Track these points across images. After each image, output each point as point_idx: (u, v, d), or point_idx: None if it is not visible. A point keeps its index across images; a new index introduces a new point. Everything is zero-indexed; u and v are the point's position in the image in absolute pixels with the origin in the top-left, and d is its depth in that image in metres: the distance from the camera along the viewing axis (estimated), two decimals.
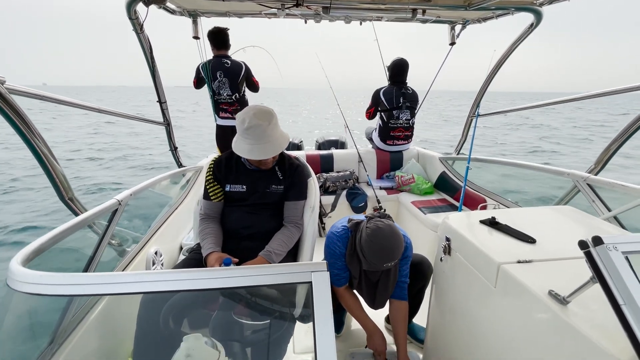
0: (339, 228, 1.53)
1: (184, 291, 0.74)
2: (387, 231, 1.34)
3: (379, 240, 1.33)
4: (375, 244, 1.33)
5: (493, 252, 1.12)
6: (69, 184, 1.54)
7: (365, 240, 1.35)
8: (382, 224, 1.36)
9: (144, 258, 1.87)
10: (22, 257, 0.88)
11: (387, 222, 1.39)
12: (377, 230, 1.34)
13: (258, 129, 1.39)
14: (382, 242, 1.32)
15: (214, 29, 3.19)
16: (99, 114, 1.88)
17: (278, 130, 1.48)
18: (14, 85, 1.21)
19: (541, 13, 2.13)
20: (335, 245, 1.50)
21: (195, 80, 3.39)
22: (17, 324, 0.85)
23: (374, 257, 1.33)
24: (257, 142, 1.40)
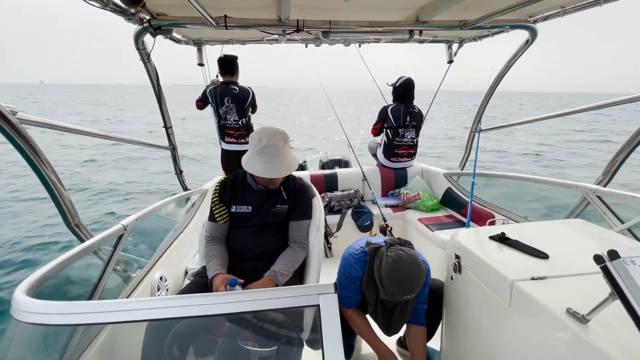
0: (358, 250, 1.47)
1: (189, 318, 0.72)
2: (409, 262, 1.26)
3: (400, 271, 1.24)
4: (397, 275, 1.24)
5: (505, 269, 1.09)
6: (75, 210, 1.55)
7: (386, 270, 1.27)
8: (404, 254, 1.28)
9: (148, 284, 1.84)
10: (27, 286, 0.87)
11: (409, 251, 1.31)
12: (399, 261, 1.26)
13: (275, 149, 1.43)
14: (403, 274, 1.24)
15: (223, 56, 3.26)
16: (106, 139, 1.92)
17: (290, 152, 1.53)
18: (25, 115, 1.25)
19: (536, 30, 2.18)
20: (352, 268, 1.43)
21: (200, 103, 3.44)
22: (21, 355, 0.83)
23: (395, 288, 1.25)
24: (272, 161, 1.44)
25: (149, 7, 1.77)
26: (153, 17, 1.86)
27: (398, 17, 2.09)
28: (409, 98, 3.38)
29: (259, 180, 1.54)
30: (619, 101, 1.87)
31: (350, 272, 1.43)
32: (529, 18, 2.10)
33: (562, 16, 1.91)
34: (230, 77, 3.34)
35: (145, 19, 1.84)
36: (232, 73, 3.33)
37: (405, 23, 2.12)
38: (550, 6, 1.88)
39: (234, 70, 3.33)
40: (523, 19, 2.12)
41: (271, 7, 1.81)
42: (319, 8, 1.88)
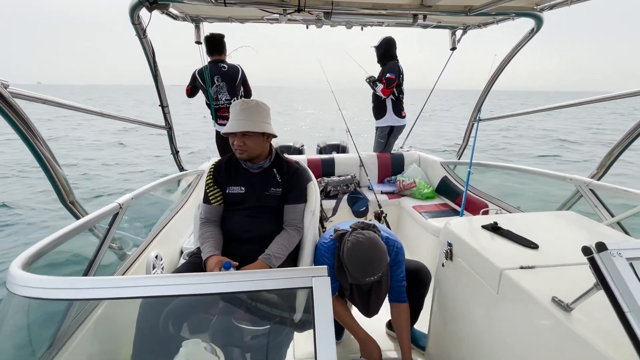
0: (327, 239, 1.52)
1: (183, 296, 0.73)
2: (367, 245, 1.30)
3: (358, 255, 1.29)
4: (356, 259, 1.29)
5: (495, 258, 1.11)
6: (70, 187, 1.54)
7: (346, 255, 1.31)
8: (363, 237, 1.31)
9: (144, 262, 1.86)
10: (22, 260, 0.87)
11: (369, 234, 1.34)
12: (357, 245, 1.30)
13: (241, 107, 1.48)
14: (362, 257, 1.29)
15: (210, 35, 3.17)
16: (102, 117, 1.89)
17: (263, 118, 1.51)
18: (17, 89, 1.22)
19: (542, 18, 2.14)
20: (323, 257, 1.49)
21: (190, 87, 3.32)
22: (16, 328, 0.85)
23: (356, 271, 1.30)
24: (235, 118, 1.47)
25: None
26: None
27: (402, 0, 2.03)
28: (394, 56, 3.44)
29: (233, 150, 1.55)
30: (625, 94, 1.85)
31: (322, 261, 1.48)
32: (535, 6, 2.06)
33: (569, 5, 1.87)
34: (219, 56, 3.25)
35: None
36: (220, 51, 3.24)
37: (410, 7, 2.07)
38: None
39: (221, 48, 3.24)
40: (529, 6, 2.07)
41: None
42: None
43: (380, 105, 3.57)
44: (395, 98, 3.45)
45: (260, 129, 1.47)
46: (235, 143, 1.49)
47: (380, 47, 3.44)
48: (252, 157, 1.54)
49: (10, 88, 1.19)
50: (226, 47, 3.30)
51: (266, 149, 1.58)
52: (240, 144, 1.48)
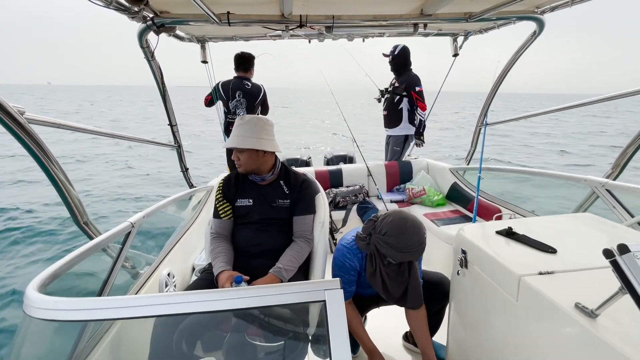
0: (349, 241, 1.52)
1: (196, 313, 0.73)
2: (409, 217, 1.35)
3: (407, 223, 1.32)
4: (405, 228, 1.31)
5: (512, 264, 1.08)
6: (84, 208, 1.57)
7: (392, 230, 1.32)
8: (401, 213, 1.37)
9: (156, 280, 1.87)
10: (38, 282, 0.89)
11: (403, 211, 1.41)
12: (402, 218, 1.34)
13: (243, 123, 1.51)
14: (411, 225, 1.32)
15: (240, 53, 3.26)
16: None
17: (257, 134, 1.51)
18: (32, 115, 1.26)
19: (543, 21, 2.14)
20: (346, 258, 1.48)
21: (209, 97, 3.38)
22: (34, 351, 0.85)
23: (407, 240, 1.30)
24: (235, 133, 1.51)
25: (152, 4, 1.77)
26: (156, 14, 1.86)
27: (402, 11, 2.06)
28: (410, 63, 3.48)
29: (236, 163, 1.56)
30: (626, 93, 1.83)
31: (343, 262, 1.48)
32: (536, 9, 2.06)
33: (570, 6, 1.87)
34: (244, 73, 3.32)
35: (149, 17, 1.84)
36: (246, 69, 3.31)
37: (410, 16, 2.10)
38: None
39: (248, 66, 3.31)
40: (530, 10, 2.08)
41: (274, 3, 1.80)
42: (322, 2, 1.87)
43: (396, 114, 3.58)
44: (411, 107, 3.47)
45: (249, 146, 1.48)
46: (232, 157, 1.55)
47: (399, 57, 3.44)
48: (249, 171, 1.56)
49: (27, 114, 1.23)
50: (254, 67, 3.36)
51: (266, 163, 1.57)
52: (235, 159, 1.54)
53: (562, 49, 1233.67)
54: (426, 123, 3.49)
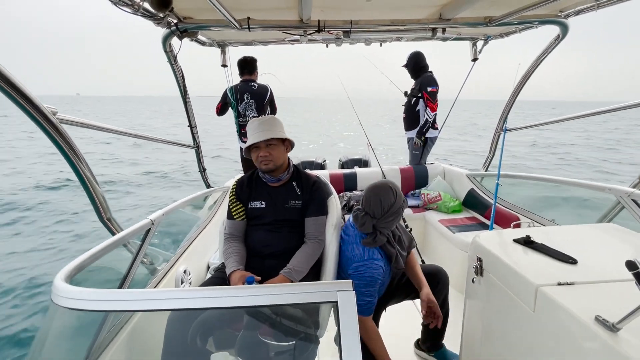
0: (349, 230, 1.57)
1: (209, 309, 0.75)
2: (377, 183, 1.50)
3: (371, 188, 1.48)
4: (370, 192, 1.47)
5: (530, 273, 1.05)
6: (107, 204, 1.64)
7: (363, 197, 1.49)
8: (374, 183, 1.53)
9: (173, 277, 1.92)
10: (65, 273, 0.93)
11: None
12: (369, 186, 1.50)
13: (259, 121, 1.58)
14: (374, 189, 1.47)
15: (243, 57, 3.39)
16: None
17: (280, 128, 1.60)
18: (64, 115, 1.34)
19: (567, 25, 2.09)
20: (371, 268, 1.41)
21: (220, 104, 3.49)
22: (58, 338, 0.90)
23: (373, 202, 1.44)
24: (256, 131, 1.56)
25: (176, 11, 1.84)
26: (180, 20, 1.93)
27: (420, 15, 2.06)
28: (427, 67, 3.49)
29: (257, 165, 1.60)
30: None
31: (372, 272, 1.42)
32: (559, 13, 2.01)
33: (596, 10, 1.82)
34: (249, 76, 3.44)
35: (173, 22, 1.91)
36: (250, 72, 3.44)
37: (428, 21, 2.09)
38: (582, 0, 1.80)
39: (252, 69, 3.43)
40: (553, 13, 2.03)
41: (293, 9, 1.84)
42: (340, 8, 1.89)
43: (413, 116, 3.59)
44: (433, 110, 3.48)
45: (282, 136, 1.56)
46: (261, 154, 1.55)
47: (409, 63, 3.54)
48: (276, 167, 1.58)
49: (59, 115, 1.31)
50: (257, 69, 3.49)
51: (286, 160, 1.64)
52: (265, 154, 1.54)
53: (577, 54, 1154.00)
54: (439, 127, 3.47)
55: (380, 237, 1.45)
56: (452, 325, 1.68)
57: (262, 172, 1.62)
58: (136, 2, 1.48)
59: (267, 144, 1.54)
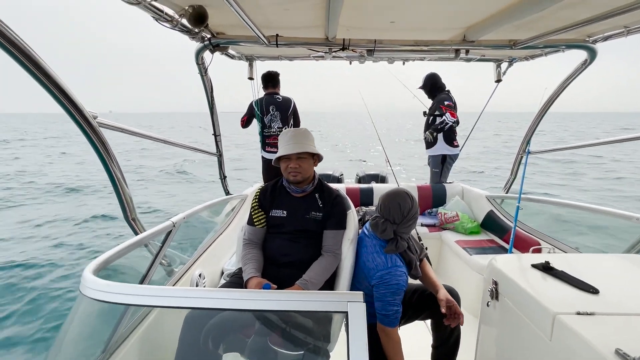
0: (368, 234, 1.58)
1: (225, 310, 0.79)
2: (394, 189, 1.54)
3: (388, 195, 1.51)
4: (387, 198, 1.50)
5: (547, 300, 1.03)
6: (133, 205, 1.73)
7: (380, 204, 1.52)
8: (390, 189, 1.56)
9: (188, 279, 1.97)
10: (94, 267, 1.00)
11: None
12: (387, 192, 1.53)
13: (293, 133, 1.63)
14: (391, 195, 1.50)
15: (267, 72, 3.54)
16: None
17: (311, 142, 1.65)
18: (103, 120, 1.44)
19: (595, 50, 2.06)
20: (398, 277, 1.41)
21: (246, 117, 3.63)
22: (82, 327, 0.95)
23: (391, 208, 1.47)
24: (288, 143, 1.60)
25: (211, 27, 1.96)
26: (213, 35, 2.05)
27: (444, 37, 2.09)
28: (443, 87, 3.57)
29: (285, 175, 1.64)
30: None
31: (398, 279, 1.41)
32: (587, 38, 2.00)
33: (625, 36, 1.79)
34: (273, 89, 3.59)
35: (207, 37, 2.04)
36: (274, 85, 3.59)
37: (452, 42, 2.12)
38: (612, 26, 1.78)
39: (275, 82, 3.59)
40: (581, 38, 2.01)
41: (320, 27, 1.92)
42: (365, 28, 1.95)
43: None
44: (448, 127, 3.49)
45: (313, 150, 1.61)
46: (291, 166, 1.59)
47: (426, 85, 3.64)
48: (304, 179, 1.62)
49: (98, 119, 1.41)
50: (280, 82, 3.65)
51: (312, 173, 1.68)
52: (295, 167, 1.58)
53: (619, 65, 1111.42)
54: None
55: (401, 243, 1.47)
56: (464, 350, 1.63)
57: (288, 183, 1.66)
58: (175, 18, 1.60)
59: (297, 157, 1.58)
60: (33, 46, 1.10)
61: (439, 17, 1.72)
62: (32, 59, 1.11)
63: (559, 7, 1.43)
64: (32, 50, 1.11)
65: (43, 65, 1.15)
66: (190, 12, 1.59)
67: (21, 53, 1.08)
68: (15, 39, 1.05)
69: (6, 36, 1.02)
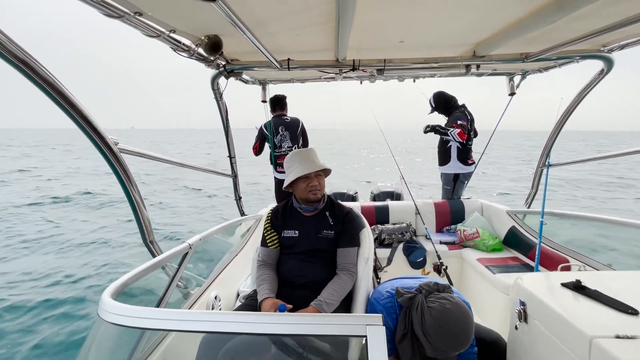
0: (384, 296, 1.35)
1: (241, 334, 0.77)
2: (458, 313, 1.12)
3: (450, 325, 1.11)
4: (447, 330, 1.11)
5: (582, 323, 0.96)
6: (151, 228, 1.76)
7: (432, 325, 1.13)
8: (450, 304, 1.15)
9: (204, 302, 1.96)
10: (112, 290, 1.01)
11: (453, 299, 1.17)
12: (446, 313, 1.12)
13: (303, 153, 1.65)
14: (454, 329, 1.11)
15: (274, 96, 3.66)
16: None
17: (318, 158, 1.68)
18: (124, 146, 1.50)
19: (612, 60, 2.02)
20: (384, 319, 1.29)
21: (258, 143, 3.68)
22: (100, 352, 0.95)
23: (445, 344, 1.11)
24: (305, 162, 1.60)
25: (225, 54, 2.05)
26: (228, 62, 2.14)
27: (454, 53, 2.10)
28: (456, 102, 3.50)
29: (299, 195, 1.63)
30: None
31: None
32: (602, 47, 1.96)
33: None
34: (281, 111, 3.71)
35: (222, 64, 2.12)
36: (282, 107, 3.72)
37: (462, 58, 2.12)
38: (627, 35, 1.75)
39: (283, 105, 3.72)
40: (595, 48, 1.98)
41: (330, 50, 1.97)
42: (374, 48, 1.99)
43: (445, 152, 3.58)
44: (462, 145, 3.44)
45: (328, 167, 1.64)
46: (312, 184, 1.59)
47: (439, 106, 3.58)
48: (322, 196, 1.65)
49: (120, 145, 1.47)
50: (287, 105, 3.77)
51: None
52: (316, 184, 1.59)
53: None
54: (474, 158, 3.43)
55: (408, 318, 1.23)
56: None
57: (300, 202, 1.66)
58: (192, 48, 1.69)
59: (316, 174, 1.60)
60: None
61: (448, 34, 1.74)
62: (62, 93, 1.19)
63: (570, 19, 1.42)
64: (62, 85, 1.19)
65: (70, 97, 1.22)
66: (206, 42, 1.67)
67: (52, 88, 1.16)
68: (48, 76, 1.13)
69: (38, 73, 1.09)
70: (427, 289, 1.23)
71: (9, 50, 1.01)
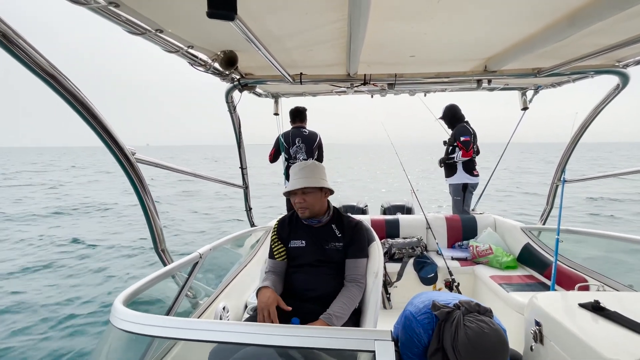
0: (421, 312, 1.26)
1: (250, 345, 0.77)
2: (495, 340, 1.07)
3: (484, 350, 1.06)
4: (479, 353, 1.06)
5: (602, 346, 0.92)
6: (163, 237, 1.79)
7: (465, 344, 1.08)
8: (489, 328, 1.09)
9: (212, 312, 1.96)
10: (124, 297, 1.02)
11: (493, 324, 1.12)
12: (483, 337, 1.07)
13: (303, 167, 1.63)
14: (487, 354, 1.06)
15: (295, 108, 3.75)
16: None
17: (319, 175, 1.62)
18: (141, 156, 1.55)
19: (627, 75, 1.99)
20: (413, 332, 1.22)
21: (274, 150, 3.76)
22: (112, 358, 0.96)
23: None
24: (294, 178, 1.61)
25: (240, 69, 2.11)
26: (242, 76, 2.20)
27: (465, 68, 2.12)
28: (462, 117, 3.69)
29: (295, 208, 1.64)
30: None
31: (411, 335, 1.24)
32: (617, 62, 1.94)
33: None
34: (300, 123, 3.77)
35: (236, 78, 2.19)
36: (302, 120, 3.77)
37: (473, 73, 2.13)
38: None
39: (303, 117, 3.77)
40: (610, 64, 1.96)
41: (341, 64, 2.01)
42: (385, 63, 2.02)
43: (450, 164, 3.74)
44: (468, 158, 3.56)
45: (318, 184, 1.59)
46: (297, 201, 1.60)
47: (446, 116, 3.79)
48: (313, 214, 1.62)
49: (137, 155, 1.52)
50: (307, 118, 3.84)
51: (324, 205, 1.67)
52: (300, 201, 1.59)
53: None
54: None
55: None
56: None
57: None
58: (208, 63, 1.75)
59: (302, 191, 1.59)
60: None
61: (459, 49, 1.76)
62: (83, 103, 1.24)
63: (583, 35, 1.42)
64: (86, 98, 1.25)
65: (91, 107, 1.27)
66: (221, 57, 1.73)
67: (73, 97, 1.21)
68: (70, 86, 1.18)
69: (60, 82, 1.15)
70: (466, 307, 1.18)
71: (38, 64, 1.07)
